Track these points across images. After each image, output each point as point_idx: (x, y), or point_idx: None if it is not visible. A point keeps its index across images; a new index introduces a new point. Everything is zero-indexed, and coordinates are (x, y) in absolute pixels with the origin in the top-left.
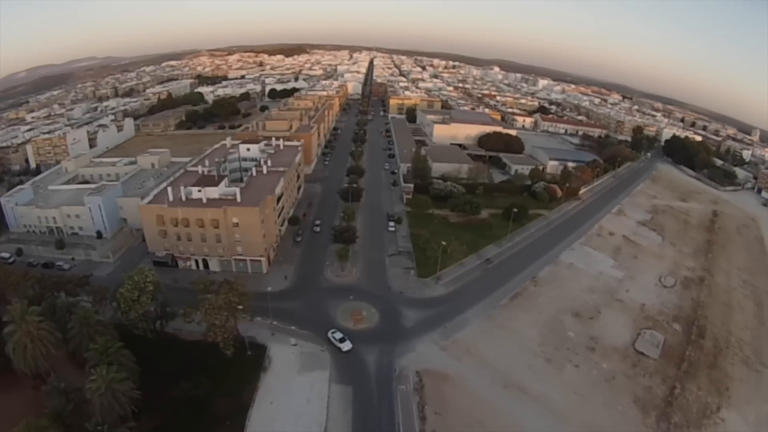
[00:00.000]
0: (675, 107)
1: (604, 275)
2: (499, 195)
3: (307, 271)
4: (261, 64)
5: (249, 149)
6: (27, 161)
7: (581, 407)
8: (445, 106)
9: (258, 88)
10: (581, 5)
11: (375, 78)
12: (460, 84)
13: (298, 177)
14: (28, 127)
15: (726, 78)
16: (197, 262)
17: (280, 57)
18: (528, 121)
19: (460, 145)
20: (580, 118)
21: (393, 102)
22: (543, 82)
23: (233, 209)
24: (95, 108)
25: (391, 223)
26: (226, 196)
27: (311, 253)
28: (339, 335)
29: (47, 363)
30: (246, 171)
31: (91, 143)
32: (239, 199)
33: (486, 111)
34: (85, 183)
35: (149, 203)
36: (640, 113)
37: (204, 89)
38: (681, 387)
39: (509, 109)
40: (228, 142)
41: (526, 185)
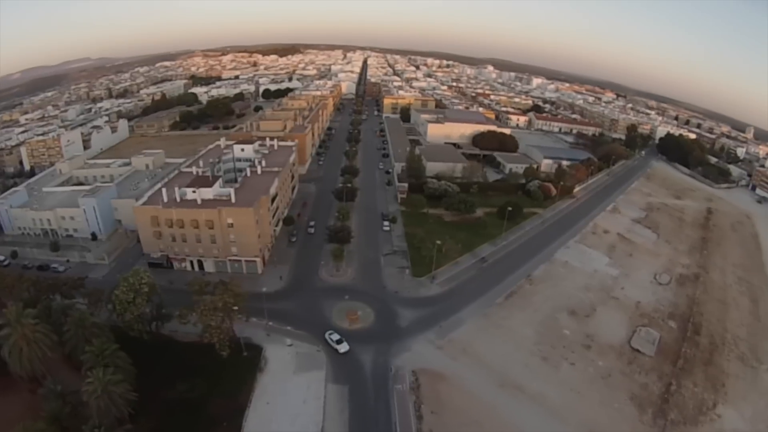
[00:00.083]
0: (669, 105)
1: (599, 273)
2: (494, 194)
3: (302, 271)
4: (255, 64)
5: (243, 150)
6: (21, 163)
7: (578, 405)
8: (439, 105)
9: (252, 88)
10: (575, 4)
11: (369, 77)
12: (454, 83)
13: (292, 177)
14: (22, 129)
15: (720, 76)
16: (192, 263)
17: (273, 57)
18: (522, 120)
19: (454, 144)
20: (574, 116)
21: (387, 101)
22: (537, 80)
23: (228, 210)
24: (89, 109)
25: (386, 223)
26: (220, 196)
27: (306, 253)
28: (336, 337)
29: (43, 366)
30: (240, 171)
31: (86, 145)
32: (234, 200)
33: (480, 110)
34: (80, 185)
35: (144, 204)
36: (634, 111)
37: (198, 90)
38: (677, 384)
39: (503, 108)
40: (222, 142)
41: (520, 184)
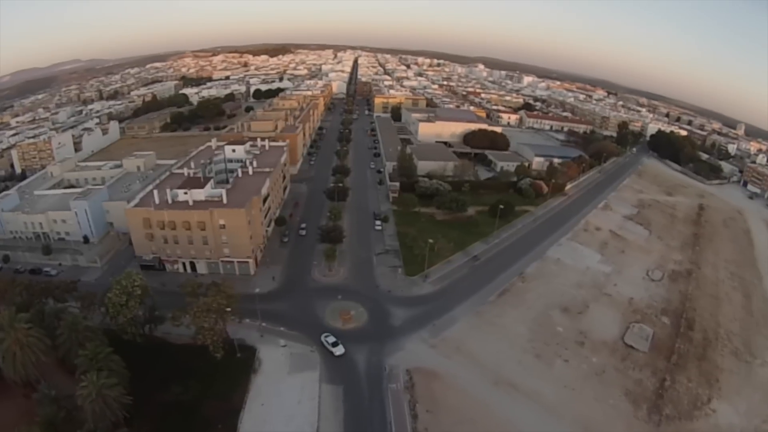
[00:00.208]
0: (660, 102)
1: (591, 270)
2: (485, 192)
3: (295, 272)
4: (245, 64)
5: (234, 150)
6: (12, 166)
7: (572, 402)
8: (430, 104)
9: (243, 88)
10: (566, 4)
11: (360, 77)
12: (444, 82)
13: (283, 177)
14: (12, 132)
15: (711, 73)
16: (185, 264)
17: (264, 57)
18: (513, 118)
19: (445, 143)
20: (565, 114)
21: (378, 101)
22: (528, 78)
23: (219, 211)
24: (80, 111)
25: (378, 222)
26: (212, 197)
27: (298, 254)
28: (332, 339)
29: (37, 370)
30: (232, 172)
31: (77, 147)
32: (225, 201)
33: (471, 108)
34: (71, 187)
35: (135, 206)
36: (625, 109)
37: (189, 91)
38: (671, 379)
39: (494, 107)
40: (213, 143)
41: (512, 182)
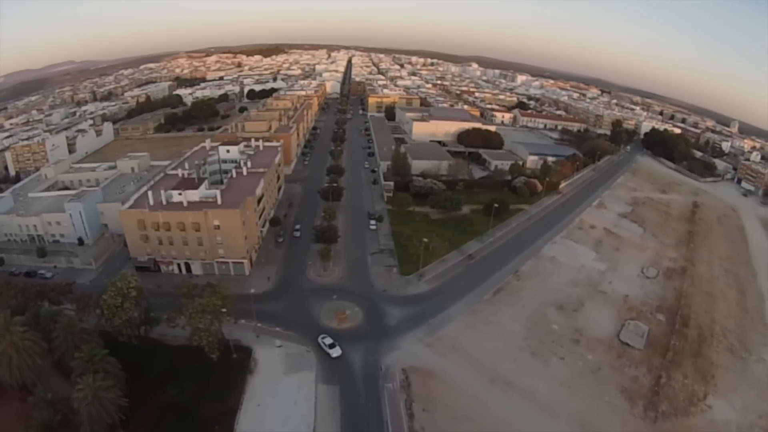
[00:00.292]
0: (654, 101)
1: (586, 268)
2: (480, 191)
3: (290, 272)
4: (239, 64)
5: (228, 151)
6: (6, 169)
7: (568, 399)
8: (424, 103)
9: (236, 89)
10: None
11: (353, 77)
12: (438, 81)
13: (278, 178)
14: (6, 134)
15: (705, 71)
16: (180, 266)
17: (258, 57)
18: (507, 117)
19: (439, 142)
20: (559, 112)
21: (372, 100)
22: (521, 77)
23: (214, 212)
24: (74, 113)
25: (372, 222)
26: (206, 198)
27: (293, 254)
28: (329, 341)
29: (33, 374)
30: (226, 173)
31: (71, 149)
32: (220, 202)
33: (465, 107)
34: (66, 189)
35: (130, 208)
36: (618, 107)
37: (182, 91)
38: (667, 376)
39: (488, 105)
40: (207, 144)
41: (506, 180)
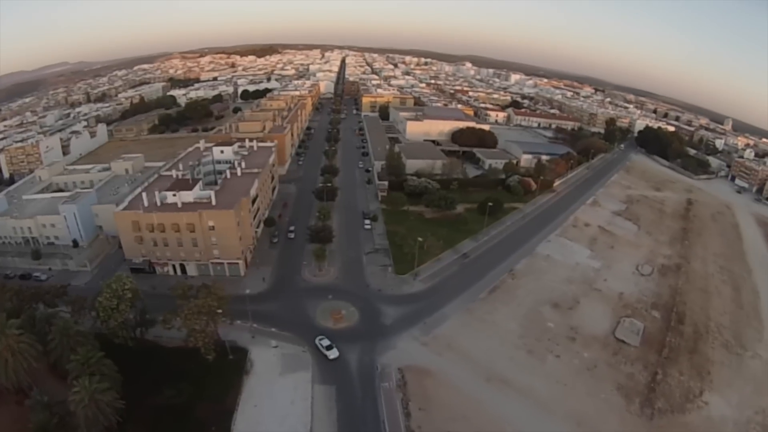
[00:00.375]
0: (647, 99)
1: (581, 266)
2: (474, 190)
3: (285, 272)
4: (233, 65)
5: (223, 151)
6: (0, 171)
7: (565, 397)
8: (418, 102)
9: (230, 89)
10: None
11: (347, 76)
12: (432, 80)
13: (272, 178)
14: (0, 136)
15: (698, 69)
16: (175, 267)
17: (252, 58)
18: (501, 116)
19: (433, 142)
20: (552, 111)
21: (366, 100)
22: (515, 76)
23: (208, 212)
24: (68, 114)
25: (367, 221)
26: (200, 199)
27: (288, 254)
28: (326, 342)
29: (29, 377)
30: (220, 174)
31: (65, 150)
32: (214, 202)
33: (459, 107)
34: (60, 191)
35: (124, 210)
36: (612, 105)
37: (176, 92)
38: (663, 373)
39: (482, 104)
40: (201, 145)
41: (500, 179)
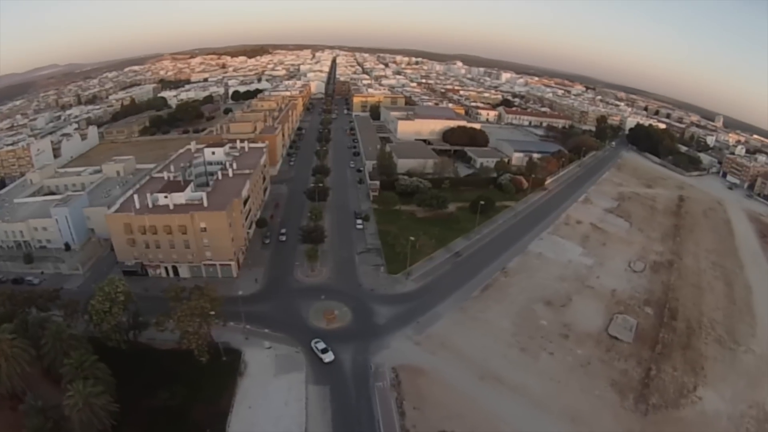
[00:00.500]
0: (638, 96)
1: (573, 263)
2: (466, 188)
3: (278, 273)
4: (224, 66)
5: (214, 153)
6: None
7: (559, 394)
8: (409, 102)
9: (221, 90)
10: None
11: (338, 76)
12: (423, 80)
13: (264, 179)
14: None
15: (689, 66)
16: (167, 269)
17: (242, 58)
18: (492, 115)
19: (424, 141)
20: (543, 109)
21: (356, 100)
22: (506, 75)
23: (200, 214)
24: (58, 117)
25: (359, 221)
26: (192, 201)
27: (280, 255)
28: (322, 345)
29: (23, 381)
30: (212, 175)
31: (56, 153)
32: (206, 204)
33: (450, 106)
34: (51, 194)
35: (116, 212)
36: (603, 103)
37: (167, 94)
38: (657, 369)
39: (473, 103)
40: (192, 146)
41: (492, 178)
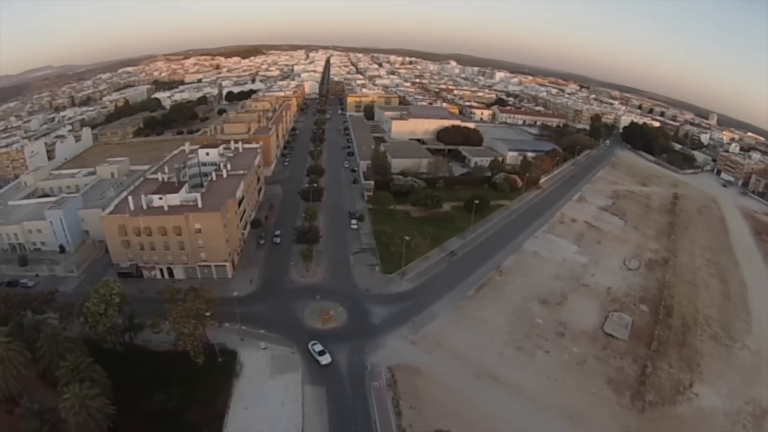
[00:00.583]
0: (632, 95)
1: (568, 261)
2: (460, 188)
3: (273, 274)
4: (217, 66)
5: (208, 154)
6: None
7: (555, 392)
8: (403, 102)
9: (215, 91)
10: None
11: (332, 77)
12: (417, 79)
13: (258, 179)
14: None
15: (682, 65)
16: (162, 270)
17: (236, 59)
18: (486, 114)
19: (419, 140)
20: (538, 108)
21: (350, 100)
22: (500, 74)
23: (195, 215)
24: (52, 119)
25: (354, 221)
26: (187, 202)
27: (275, 255)
28: (319, 347)
29: (19, 384)
30: (206, 176)
31: (50, 155)
32: (200, 205)
33: (444, 105)
34: (46, 196)
35: (110, 214)
36: (597, 102)
37: (161, 95)
38: (652, 366)
39: (467, 103)
40: (187, 147)
41: (486, 177)
